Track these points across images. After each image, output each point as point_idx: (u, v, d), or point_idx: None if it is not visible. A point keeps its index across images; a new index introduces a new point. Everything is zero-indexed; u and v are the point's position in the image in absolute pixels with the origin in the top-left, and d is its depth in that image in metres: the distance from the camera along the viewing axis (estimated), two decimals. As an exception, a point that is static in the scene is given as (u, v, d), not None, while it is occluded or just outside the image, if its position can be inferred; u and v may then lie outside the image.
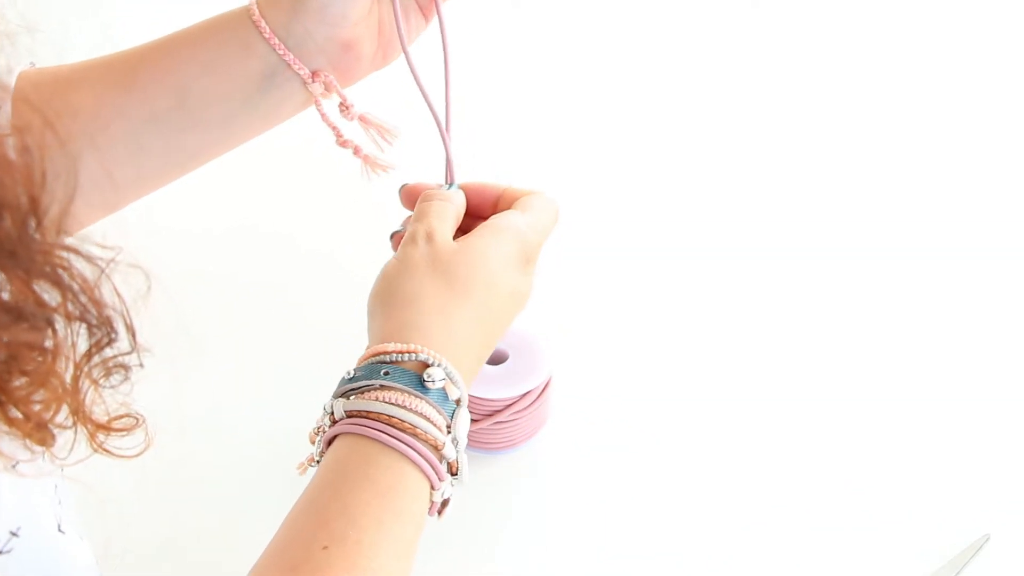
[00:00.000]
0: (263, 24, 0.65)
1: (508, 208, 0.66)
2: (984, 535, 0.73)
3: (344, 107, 0.70)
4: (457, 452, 0.56)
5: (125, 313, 0.45)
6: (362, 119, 0.72)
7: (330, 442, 0.56)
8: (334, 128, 0.71)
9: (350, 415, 0.55)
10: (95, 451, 0.48)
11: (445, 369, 0.55)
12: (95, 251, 0.43)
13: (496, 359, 0.76)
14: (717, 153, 1.00)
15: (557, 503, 0.75)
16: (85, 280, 0.42)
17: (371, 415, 0.55)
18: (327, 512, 0.53)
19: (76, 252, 0.42)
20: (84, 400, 0.46)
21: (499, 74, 1.08)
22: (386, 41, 0.69)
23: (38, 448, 0.45)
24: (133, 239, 0.45)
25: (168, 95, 0.65)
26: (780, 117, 1.03)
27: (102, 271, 0.43)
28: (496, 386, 0.74)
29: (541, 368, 0.75)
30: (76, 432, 0.46)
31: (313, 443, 0.58)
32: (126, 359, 0.47)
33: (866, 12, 1.12)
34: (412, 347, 0.56)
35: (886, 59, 1.08)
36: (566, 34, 1.13)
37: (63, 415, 0.45)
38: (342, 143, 0.72)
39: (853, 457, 0.77)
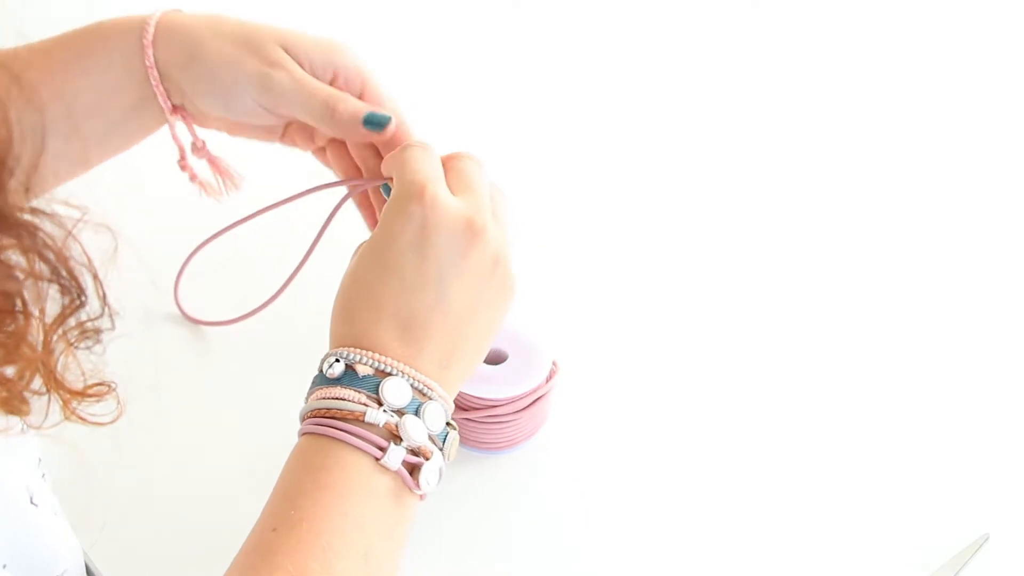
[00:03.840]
0: (150, 54, 0.68)
1: None
2: (984, 535, 0.72)
3: (196, 147, 0.75)
4: (401, 418, 0.57)
5: (94, 274, 0.45)
6: (211, 161, 0.77)
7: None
8: (180, 147, 0.74)
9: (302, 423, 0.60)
10: (67, 418, 0.49)
11: (339, 355, 0.58)
12: (61, 210, 0.43)
13: (496, 359, 0.75)
14: (717, 153, 1.00)
15: (557, 503, 0.74)
16: (53, 240, 0.42)
17: (304, 417, 0.59)
18: (274, 501, 0.56)
19: (42, 213, 0.42)
20: (56, 366, 0.46)
21: (499, 74, 1.08)
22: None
23: (12, 417, 0.45)
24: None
25: (58, 106, 0.68)
26: (780, 118, 1.03)
27: (69, 232, 0.43)
28: (496, 386, 0.73)
29: (541, 368, 0.74)
30: (49, 399, 0.46)
31: None
32: (97, 323, 0.47)
33: (866, 12, 1.12)
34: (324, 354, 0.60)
35: (886, 59, 1.08)
36: (566, 34, 1.13)
37: (37, 383, 0.45)
38: (182, 165, 0.76)
39: (853, 457, 0.77)
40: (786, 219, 0.94)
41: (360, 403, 0.57)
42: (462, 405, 0.74)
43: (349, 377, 0.57)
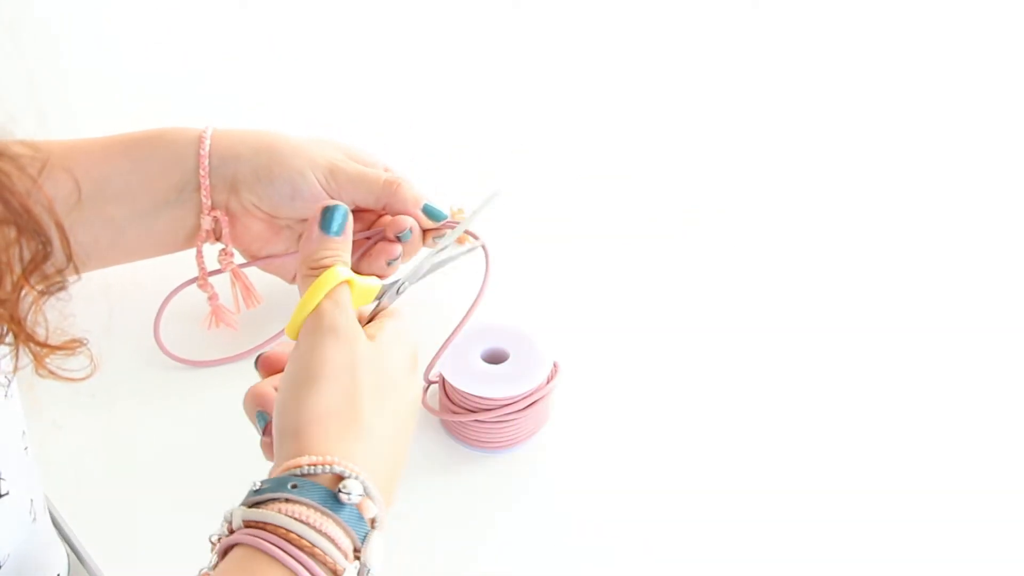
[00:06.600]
0: (207, 144, 0.72)
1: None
2: None
3: (224, 253, 0.76)
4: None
5: (58, 222, 0.44)
6: (234, 272, 0.77)
7: (225, 553, 0.50)
8: (202, 268, 0.76)
9: (248, 525, 0.50)
10: (39, 374, 0.48)
11: (363, 483, 0.50)
12: (23, 151, 0.42)
13: (496, 359, 0.75)
14: (717, 153, 0.99)
15: (557, 503, 0.74)
16: (12, 181, 0.41)
17: (268, 527, 0.49)
18: None
19: (5, 155, 0.41)
20: (25, 319, 0.45)
21: (499, 75, 1.08)
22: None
23: None
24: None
25: (87, 183, 0.70)
26: (780, 119, 1.02)
27: (33, 180, 0.42)
28: (497, 386, 0.73)
29: (541, 367, 0.74)
30: (17, 353, 0.46)
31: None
32: (63, 273, 0.46)
33: (867, 13, 1.12)
34: (327, 459, 0.50)
35: (887, 60, 1.08)
36: (566, 34, 1.13)
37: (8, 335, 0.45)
38: (202, 284, 0.77)
39: (859, 456, 0.75)
40: (788, 218, 0.93)
41: (347, 555, 0.49)
42: (465, 405, 0.74)
43: (351, 513, 0.50)
